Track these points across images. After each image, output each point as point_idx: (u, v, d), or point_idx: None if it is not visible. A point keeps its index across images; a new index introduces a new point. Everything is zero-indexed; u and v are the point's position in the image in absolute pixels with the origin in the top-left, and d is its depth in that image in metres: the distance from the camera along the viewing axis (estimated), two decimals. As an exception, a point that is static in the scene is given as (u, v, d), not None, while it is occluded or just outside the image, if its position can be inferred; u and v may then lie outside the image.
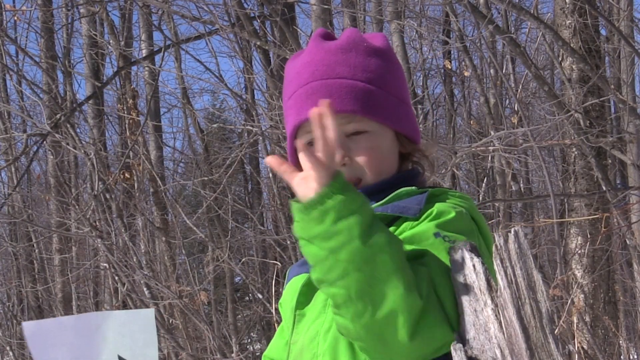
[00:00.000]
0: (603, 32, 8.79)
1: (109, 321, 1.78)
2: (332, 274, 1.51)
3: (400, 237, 1.66)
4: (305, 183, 1.52)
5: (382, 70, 1.84)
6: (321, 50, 1.84)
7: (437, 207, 1.72)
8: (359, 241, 1.49)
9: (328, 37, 1.89)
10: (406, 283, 1.50)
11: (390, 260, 1.49)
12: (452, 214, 1.70)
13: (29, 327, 1.82)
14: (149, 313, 1.77)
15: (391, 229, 1.70)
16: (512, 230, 1.49)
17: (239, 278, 14.06)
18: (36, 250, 11.91)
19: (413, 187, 1.79)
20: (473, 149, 6.73)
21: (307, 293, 1.78)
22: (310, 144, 1.73)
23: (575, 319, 5.98)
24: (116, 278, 7.79)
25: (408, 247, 1.61)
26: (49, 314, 12.38)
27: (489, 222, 7.81)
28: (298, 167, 1.58)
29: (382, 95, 1.82)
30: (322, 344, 1.71)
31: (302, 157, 1.55)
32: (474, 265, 1.51)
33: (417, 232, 1.66)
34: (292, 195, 1.72)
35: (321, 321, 1.74)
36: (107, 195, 7.70)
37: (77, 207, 8.18)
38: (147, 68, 10.47)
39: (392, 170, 1.85)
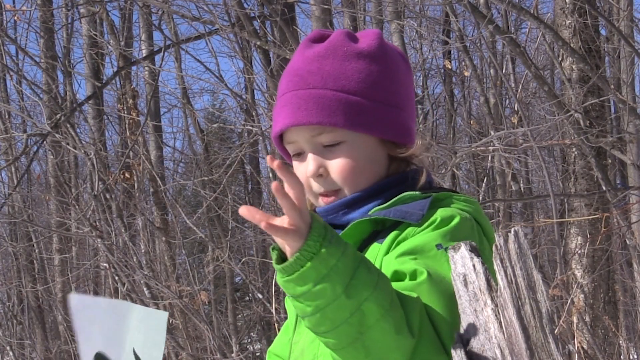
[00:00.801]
0: (603, 32, 8.79)
1: (132, 313, 1.80)
2: (321, 327, 1.51)
3: (404, 243, 1.66)
4: (284, 236, 1.46)
5: (361, 75, 1.78)
6: (300, 58, 1.82)
7: (440, 214, 1.70)
8: (344, 296, 1.46)
9: (320, 39, 1.85)
10: (396, 325, 1.50)
11: (377, 306, 1.48)
12: (454, 222, 1.68)
13: (74, 299, 1.83)
14: (163, 316, 1.77)
15: (393, 233, 1.70)
16: (512, 230, 1.49)
17: (239, 278, 14.07)
18: (36, 250, 11.92)
19: (417, 192, 1.75)
20: (473, 149, 6.73)
21: None
22: (297, 154, 1.80)
23: (575, 319, 5.98)
24: (116, 278, 7.79)
25: (409, 259, 1.61)
26: (49, 314, 12.39)
27: (489, 222, 7.80)
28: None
29: (357, 102, 1.76)
30: (323, 346, 1.71)
31: (295, 167, 1.63)
32: (474, 265, 1.51)
33: (420, 243, 1.65)
34: None
35: None
36: (107, 195, 7.70)
37: (77, 207, 8.18)
38: (147, 68, 10.47)
39: (374, 177, 1.79)
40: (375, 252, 1.72)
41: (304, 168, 1.80)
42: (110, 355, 1.75)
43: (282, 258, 1.50)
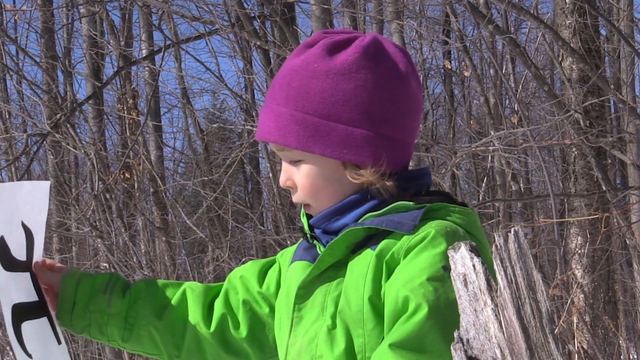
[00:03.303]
0: (603, 32, 8.79)
1: (20, 189, 1.92)
2: None
3: (407, 267, 1.66)
4: None
5: (324, 95, 1.73)
6: (283, 68, 1.82)
7: (430, 235, 1.68)
8: None
9: (312, 45, 1.81)
10: None
11: None
12: (440, 248, 1.66)
13: None
14: (46, 185, 1.92)
15: (386, 241, 1.70)
16: (512, 230, 1.49)
17: (239, 278, 14.05)
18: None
19: (410, 202, 1.74)
20: (473, 149, 6.73)
21: (304, 294, 1.79)
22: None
23: (575, 319, 5.98)
24: (116, 278, 7.78)
25: (413, 288, 1.63)
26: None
27: (489, 222, 7.82)
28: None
29: (313, 123, 1.74)
30: (321, 346, 1.72)
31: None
32: (474, 265, 1.51)
33: (424, 266, 1.65)
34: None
35: (320, 324, 1.75)
36: (107, 195, 7.70)
37: (77, 207, 8.18)
38: (147, 68, 10.47)
39: (338, 196, 1.78)
40: (367, 258, 1.72)
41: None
42: (5, 235, 1.85)
43: None
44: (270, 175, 9.15)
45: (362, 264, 1.72)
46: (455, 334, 1.53)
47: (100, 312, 1.95)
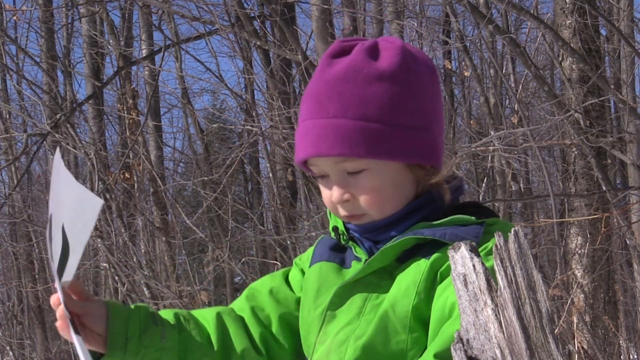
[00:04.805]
0: (603, 32, 8.79)
1: (72, 189, 1.73)
2: None
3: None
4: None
5: (382, 100, 1.73)
6: (320, 80, 1.78)
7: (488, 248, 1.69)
8: None
9: (341, 53, 1.79)
10: None
11: None
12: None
13: (57, 160, 1.78)
14: (99, 202, 1.69)
15: (439, 253, 1.70)
16: (512, 230, 1.49)
17: (239, 278, 14.06)
18: (36, 250, 11.91)
19: (472, 217, 1.74)
20: (473, 149, 6.73)
21: (342, 295, 1.78)
22: (322, 176, 1.80)
23: (575, 319, 5.98)
24: (116, 278, 7.80)
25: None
26: (49, 314, 12.38)
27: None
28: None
29: (380, 129, 1.73)
30: (350, 351, 1.72)
31: (321, 189, 1.81)
32: (474, 265, 1.51)
33: None
34: (293, 195, 1.76)
35: (353, 327, 1.74)
36: (107, 195, 7.70)
37: (77, 207, 8.16)
38: (147, 68, 10.47)
39: (401, 200, 1.78)
40: (421, 267, 1.71)
41: (329, 193, 1.80)
42: (52, 225, 1.74)
43: None
44: (270, 175, 9.15)
45: (415, 271, 1.71)
46: (455, 334, 1.53)
47: (154, 347, 1.78)
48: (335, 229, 1.86)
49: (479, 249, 1.66)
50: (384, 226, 1.78)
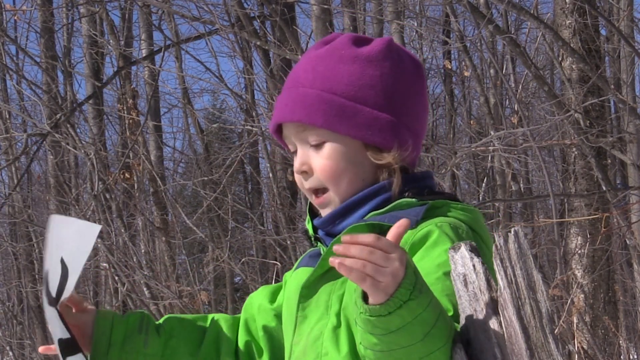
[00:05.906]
0: (603, 32, 8.79)
1: (71, 226, 1.88)
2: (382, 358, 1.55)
3: (415, 258, 1.67)
4: (373, 287, 1.48)
5: (352, 78, 1.78)
6: (303, 58, 1.86)
7: (436, 232, 1.70)
8: (420, 344, 1.51)
9: (332, 39, 1.85)
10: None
11: (445, 356, 1.55)
12: (446, 245, 1.67)
13: (54, 220, 1.89)
14: (96, 228, 1.84)
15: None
16: (512, 230, 1.49)
17: (239, 278, 14.06)
18: (36, 250, 11.90)
19: (413, 199, 1.76)
20: (473, 149, 6.73)
21: (307, 294, 1.80)
22: (294, 152, 1.84)
23: (575, 319, 5.98)
24: (116, 278, 7.79)
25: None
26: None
27: (489, 222, 7.82)
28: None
29: (342, 103, 1.77)
30: (327, 343, 1.73)
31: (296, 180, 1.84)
32: (474, 265, 1.51)
33: (426, 269, 1.64)
34: (292, 195, 1.77)
35: (324, 322, 1.75)
36: (107, 195, 7.70)
37: (77, 207, 8.18)
38: (147, 68, 10.47)
39: (358, 180, 1.80)
40: None
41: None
42: (50, 270, 1.83)
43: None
44: (270, 175, 9.15)
45: None
46: (455, 334, 1.53)
47: (136, 353, 1.90)
48: (305, 231, 1.89)
49: (417, 227, 1.70)
50: (340, 215, 1.80)
